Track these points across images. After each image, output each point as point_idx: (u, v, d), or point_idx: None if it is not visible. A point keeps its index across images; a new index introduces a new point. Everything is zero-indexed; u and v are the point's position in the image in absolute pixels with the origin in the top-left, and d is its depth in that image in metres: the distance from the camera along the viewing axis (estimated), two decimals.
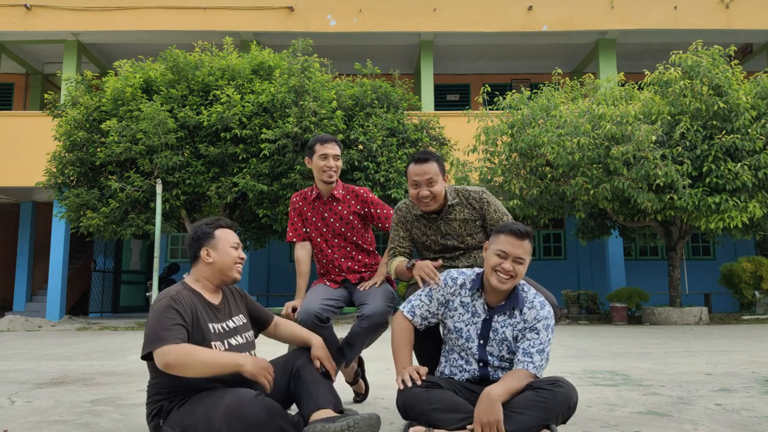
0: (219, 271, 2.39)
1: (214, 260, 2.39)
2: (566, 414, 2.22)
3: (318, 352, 2.48)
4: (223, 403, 2.05)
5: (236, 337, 2.37)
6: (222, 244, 2.41)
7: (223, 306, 2.42)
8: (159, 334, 2.11)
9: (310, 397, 2.33)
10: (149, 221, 9.82)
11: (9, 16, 12.82)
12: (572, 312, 12.07)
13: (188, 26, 12.92)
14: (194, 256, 2.43)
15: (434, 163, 2.76)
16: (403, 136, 10.14)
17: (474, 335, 2.43)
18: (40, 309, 13.16)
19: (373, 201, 3.23)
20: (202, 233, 2.42)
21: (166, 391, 2.22)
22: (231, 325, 2.39)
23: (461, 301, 2.48)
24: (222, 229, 2.45)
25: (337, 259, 3.21)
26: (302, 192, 3.32)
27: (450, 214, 2.84)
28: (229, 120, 9.28)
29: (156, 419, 2.23)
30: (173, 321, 2.15)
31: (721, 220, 8.91)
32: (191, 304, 2.27)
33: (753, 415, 2.82)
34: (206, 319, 2.29)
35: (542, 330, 2.36)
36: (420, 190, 2.76)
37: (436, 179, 2.75)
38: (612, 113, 8.93)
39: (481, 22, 13.12)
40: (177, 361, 2.07)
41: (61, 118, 10.35)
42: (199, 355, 2.10)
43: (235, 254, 2.42)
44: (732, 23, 13.02)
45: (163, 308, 2.19)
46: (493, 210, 2.84)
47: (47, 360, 5.48)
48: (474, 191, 2.87)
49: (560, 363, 4.89)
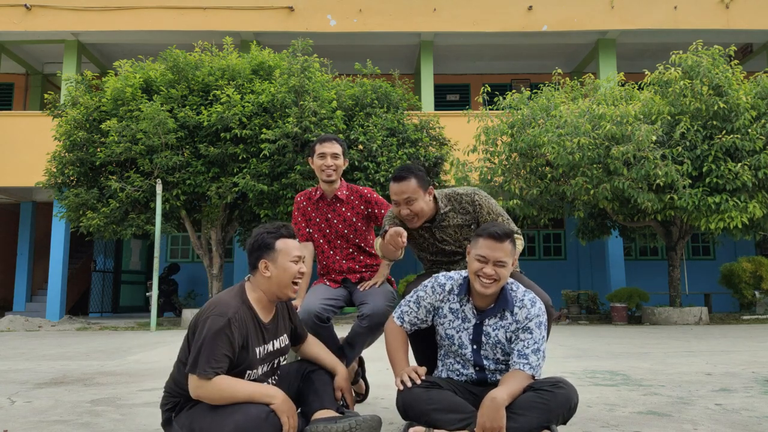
0: (275, 287, 2.28)
1: (272, 275, 2.27)
2: (566, 415, 2.21)
3: (342, 384, 2.46)
4: (232, 421, 2.02)
5: (266, 365, 2.32)
6: (282, 258, 2.28)
7: (272, 326, 2.34)
8: (203, 363, 2.07)
9: (316, 397, 2.35)
10: (149, 221, 9.82)
11: (9, 16, 12.82)
12: (572, 312, 12.07)
13: (188, 26, 12.92)
14: (253, 266, 2.32)
15: (412, 180, 2.67)
16: (403, 136, 10.14)
17: (467, 341, 2.40)
18: (40, 309, 13.17)
19: (377, 201, 3.24)
20: (262, 243, 2.29)
21: (187, 392, 2.19)
22: (272, 347, 2.33)
23: (450, 307, 2.44)
24: (284, 239, 2.31)
25: (339, 260, 3.21)
26: (306, 192, 3.33)
27: (443, 222, 2.79)
28: (229, 120, 9.28)
29: (169, 412, 2.23)
30: (221, 351, 2.10)
31: (721, 220, 8.91)
32: (245, 327, 2.20)
33: (753, 415, 2.82)
34: (254, 342, 2.23)
35: (535, 329, 2.31)
36: (400, 208, 2.71)
37: (414, 197, 2.67)
38: (612, 113, 8.93)
39: (481, 22, 13.12)
40: (207, 397, 2.09)
41: (61, 118, 10.35)
42: (231, 393, 2.08)
43: (294, 269, 2.29)
44: (732, 23, 13.02)
45: (218, 331, 2.11)
46: (486, 212, 2.78)
47: (47, 360, 5.48)
48: (465, 194, 2.81)
49: (560, 363, 4.89)
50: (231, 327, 2.12)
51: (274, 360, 2.35)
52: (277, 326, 2.37)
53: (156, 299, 9.82)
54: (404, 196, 2.67)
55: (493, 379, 2.42)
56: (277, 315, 2.38)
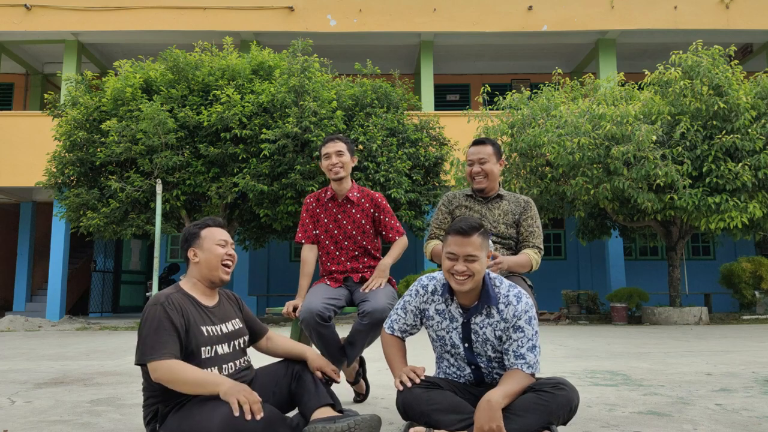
0: (206, 270, 2.35)
1: (200, 260, 2.35)
2: (567, 416, 2.21)
3: (317, 363, 2.46)
4: (219, 414, 2.02)
5: (225, 345, 2.34)
6: (207, 242, 2.36)
7: (218, 308, 2.39)
8: (151, 347, 2.13)
9: (311, 395, 2.34)
10: (149, 221, 9.82)
11: (9, 16, 12.82)
12: (572, 312, 12.07)
13: (188, 26, 12.93)
14: (186, 258, 2.40)
15: (489, 146, 3.11)
16: (403, 136, 10.14)
17: (458, 341, 2.38)
18: (40, 309, 13.17)
19: (385, 208, 3.27)
20: (189, 234, 2.40)
21: (159, 394, 2.21)
22: (224, 329, 2.36)
23: (436, 308, 2.42)
24: (209, 228, 2.40)
25: (343, 261, 3.22)
26: (316, 193, 3.34)
27: (496, 202, 3.11)
28: (229, 120, 9.28)
29: (152, 423, 2.24)
30: (166, 333, 2.15)
31: (721, 221, 8.91)
32: (183, 308, 2.25)
33: (753, 415, 2.82)
34: (199, 322, 2.27)
35: (526, 326, 2.27)
36: (473, 167, 3.09)
37: (488, 159, 3.07)
38: (612, 113, 8.93)
39: (480, 22, 13.12)
40: (164, 378, 2.11)
41: (61, 118, 10.35)
42: (183, 376, 2.11)
43: (220, 252, 2.36)
44: (732, 23, 13.03)
45: (157, 316, 2.17)
46: (530, 217, 3.07)
47: (47, 360, 5.48)
48: (524, 197, 3.16)
49: (560, 363, 4.89)
50: (166, 310, 2.19)
51: (233, 341, 2.38)
52: (224, 311, 2.42)
53: None
54: (479, 156, 3.08)
55: (489, 379, 2.42)
56: (221, 302, 2.43)
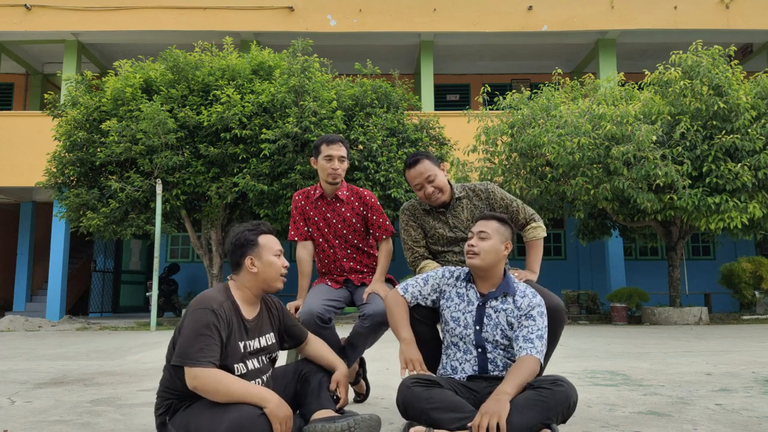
0: (263, 281, 2.33)
1: (259, 270, 2.32)
2: (566, 413, 2.22)
3: (340, 378, 2.47)
4: (227, 419, 2.03)
5: (255, 360, 2.32)
6: (266, 253, 2.34)
7: (256, 322, 2.36)
8: (195, 353, 2.09)
9: (314, 397, 2.35)
10: (149, 221, 9.82)
11: (9, 16, 12.82)
12: (572, 312, 12.07)
13: (188, 26, 12.92)
14: (237, 264, 2.35)
15: (425, 161, 2.90)
16: (403, 136, 10.13)
17: (470, 322, 2.53)
18: (40, 309, 13.17)
19: (373, 206, 3.22)
20: (245, 240, 2.34)
21: (178, 393, 2.21)
22: (258, 345, 2.34)
23: (457, 291, 2.61)
24: (265, 235, 2.38)
25: (339, 259, 3.20)
26: (305, 190, 3.29)
27: (457, 208, 2.98)
28: (229, 120, 9.28)
29: (163, 416, 2.24)
30: (211, 341, 2.12)
31: (721, 221, 8.90)
32: (229, 321, 2.23)
33: (753, 415, 2.82)
34: (237, 337, 2.25)
35: (537, 317, 2.46)
36: (424, 189, 2.91)
37: (433, 174, 2.89)
38: (612, 113, 8.93)
39: (480, 22, 13.12)
40: (205, 388, 2.08)
41: (61, 118, 10.35)
42: (226, 386, 2.08)
43: (279, 264, 2.35)
44: (732, 23, 13.02)
45: (206, 321, 2.14)
46: (499, 197, 2.97)
47: (47, 360, 5.48)
48: (479, 184, 3.02)
49: (560, 363, 4.89)
50: (217, 318, 2.16)
51: (260, 357, 2.36)
52: (261, 324, 2.39)
53: (156, 299, 9.81)
54: (424, 176, 2.89)
55: (493, 366, 2.48)
56: (261, 313, 2.41)
